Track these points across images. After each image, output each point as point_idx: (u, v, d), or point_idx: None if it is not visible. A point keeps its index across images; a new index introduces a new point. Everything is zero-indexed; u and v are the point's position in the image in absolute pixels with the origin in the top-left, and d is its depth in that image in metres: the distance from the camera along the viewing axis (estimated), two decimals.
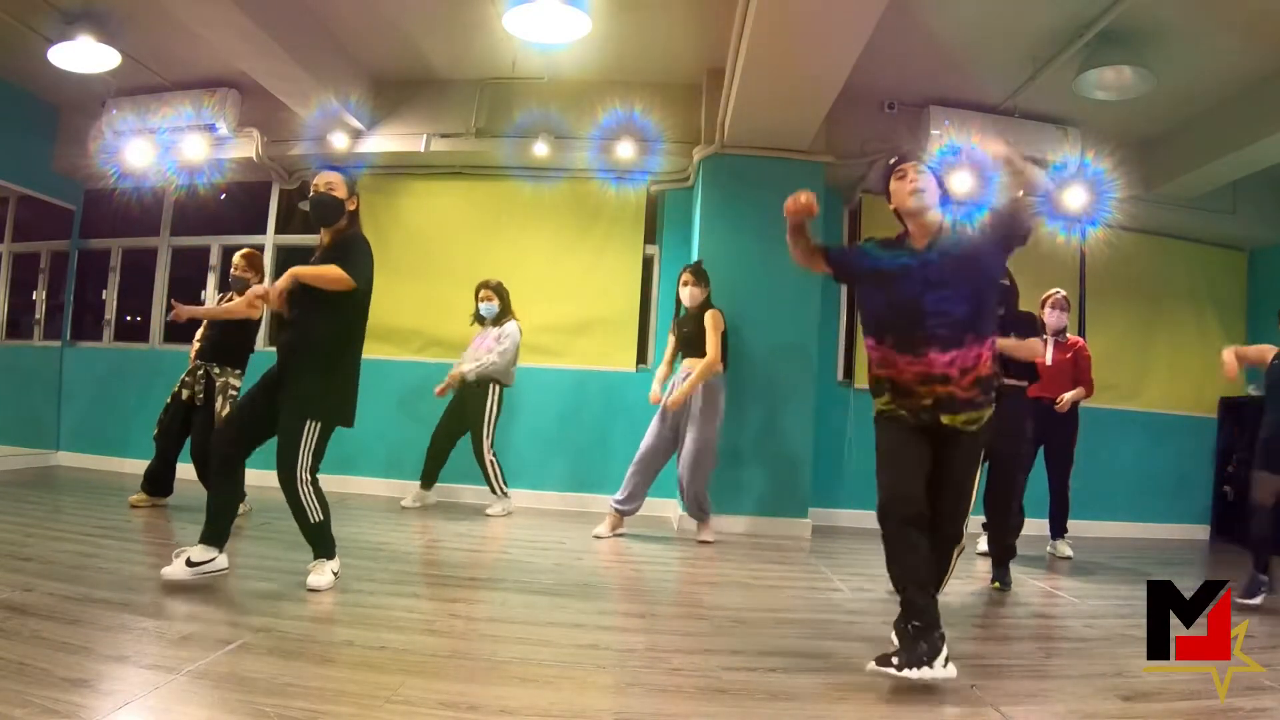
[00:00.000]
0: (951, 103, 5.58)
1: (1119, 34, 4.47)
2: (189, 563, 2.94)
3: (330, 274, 2.96)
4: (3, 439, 6.08)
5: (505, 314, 5.44)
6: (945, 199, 2.62)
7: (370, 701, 1.98)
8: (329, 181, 3.15)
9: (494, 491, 5.37)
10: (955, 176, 5.24)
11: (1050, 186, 2.62)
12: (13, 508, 4.42)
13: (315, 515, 3.06)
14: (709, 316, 4.71)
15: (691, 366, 4.71)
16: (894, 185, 2.63)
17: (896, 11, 3.90)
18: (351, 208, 3.21)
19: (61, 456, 6.49)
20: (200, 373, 4.50)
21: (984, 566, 4.16)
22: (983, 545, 4.37)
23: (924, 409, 2.51)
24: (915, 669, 2.23)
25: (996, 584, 3.86)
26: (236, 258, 4.63)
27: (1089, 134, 5.66)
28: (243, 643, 2.37)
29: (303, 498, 3.03)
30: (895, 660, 2.24)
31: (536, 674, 2.30)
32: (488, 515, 5.26)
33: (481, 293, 5.43)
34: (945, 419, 2.50)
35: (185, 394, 4.48)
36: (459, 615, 3.00)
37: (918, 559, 2.42)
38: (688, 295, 4.80)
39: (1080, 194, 5.67)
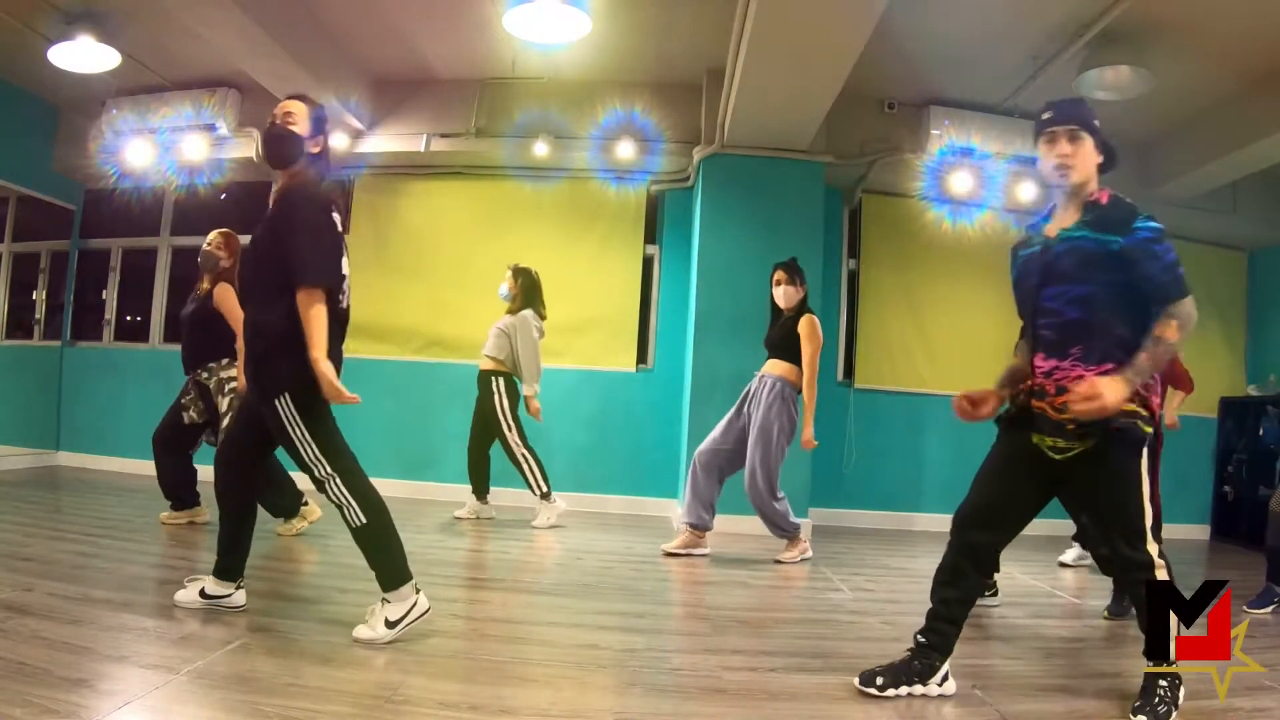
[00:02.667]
0: (951, 103, 5.59)
1: (1119, 34, 4.47)
2: (203, 594, 2.63)
3: (312, 321, 2.38)
4: (3, 439, 6.08)
5: (519, 302, 5.06)
6: (1109, 164, 2.27)
7: (370, 701, 1.98)
8: (288, 111, 2.56)
9: (533, 491, 4.97)
10: None
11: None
12: (13, 508, 4.42)
13: (356, 518, 2.51)
14: (805, 322, 4.20)
15: (772, 368, 4.29)
16: (1041, 149, 2.28)
17: (896, 11, 3.90)
18: (315, 150, 2.59)
19: (61, 456, 6.49)
20: (189, 391, 4.16)
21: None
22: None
23: (1025, 415, 2.25)
24: (904, 686, 2.21)
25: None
26: (213, 235, 4.13)
27: None
28: (243, 643, 2.37)
29: (332, 496, 2.51)
30: (879, 680, 2.21)
31: (536, 674, 2.30)
32: (533, 527, 4.88)
33: (507, 272, 5.15)
34: (1035, 438, 2.24)
35: (188, 417, 4.15)
36: (459, 615, 3.00)
37: (953, 586, 2.30)
38: (782, 295, 4.28)
39: None
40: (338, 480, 2.48)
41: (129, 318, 6.90)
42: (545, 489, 4.98)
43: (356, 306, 6.86)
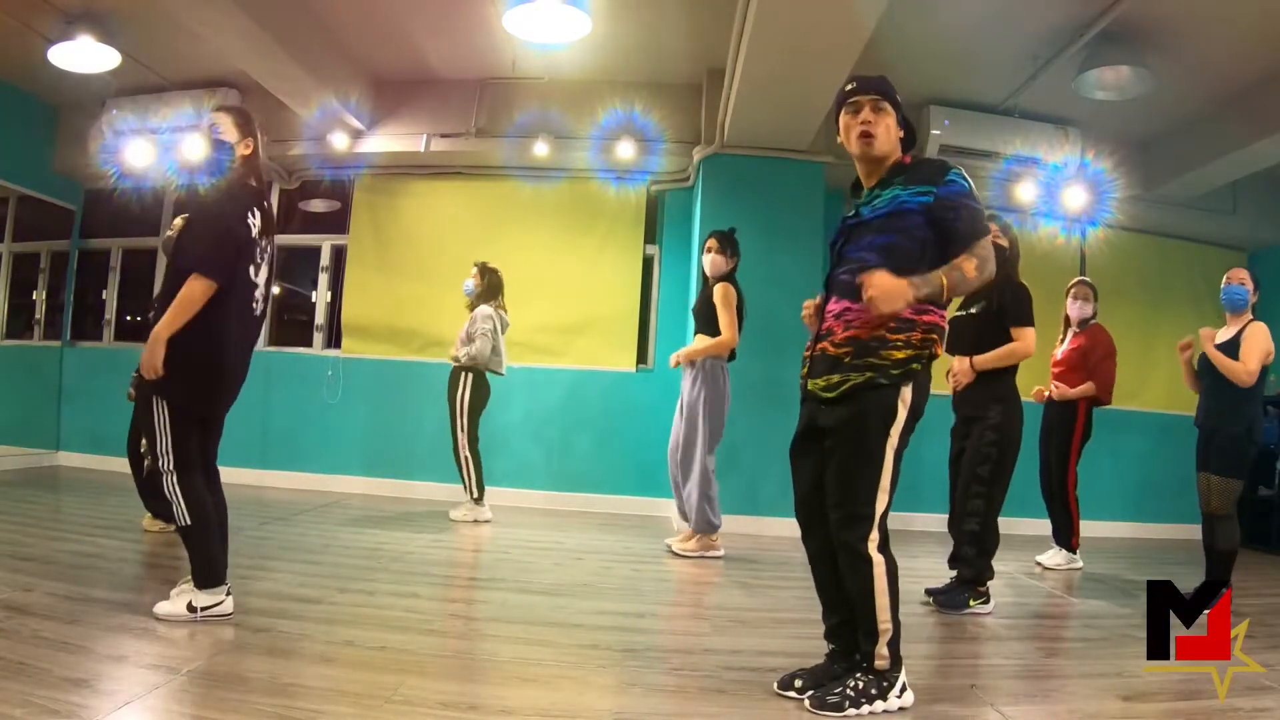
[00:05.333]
0: (951, 103, 5.57)
1: (1119, 34, 4.47)
2: (190, 607, 2.53)
3: (183, 302, 2.46)
4: (3, 439, 6.07)
5: (483, 298, 5.14)
6: (910, 142, 2.26)
7: (370, 701, 1.98)
8: (215, 123, 2.68)
9: (466, 491, 5.05)
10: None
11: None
12: (13, 508, 4.42)
13: (182, 518, 2.56)
14: (718, 289, 4.23)
15: (701, 343, 4.32)
16: (843, 120, 2.24)
17: (896, 11, 3.90)
18: (245, 151, 2.68)
19: (61, 456, 6.49)
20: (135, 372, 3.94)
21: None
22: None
23: (803, 376, 2.29)
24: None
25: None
26: (177, 220, 3.80)
27: (1089, 134, 5.65)
28: (243, 643, 2.37)
29: (167, 492, 2.57)
30: (798, 683, 2.17)
31: (536, 674, 2.30)
32: (451, 520, 4.96)
33: (472, 269, 5.22)
34: (810, 384, 2.25)
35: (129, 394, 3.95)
36: (459, 615, 3.00)
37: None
38: (709, 263, 4.35)
39: (1080, 194, 5.67)
40: (174, 478, 2.55)
41: (129, 318, 6.90)
42: (477, 495, 5.03)
43: (357, 307, 6.84)
